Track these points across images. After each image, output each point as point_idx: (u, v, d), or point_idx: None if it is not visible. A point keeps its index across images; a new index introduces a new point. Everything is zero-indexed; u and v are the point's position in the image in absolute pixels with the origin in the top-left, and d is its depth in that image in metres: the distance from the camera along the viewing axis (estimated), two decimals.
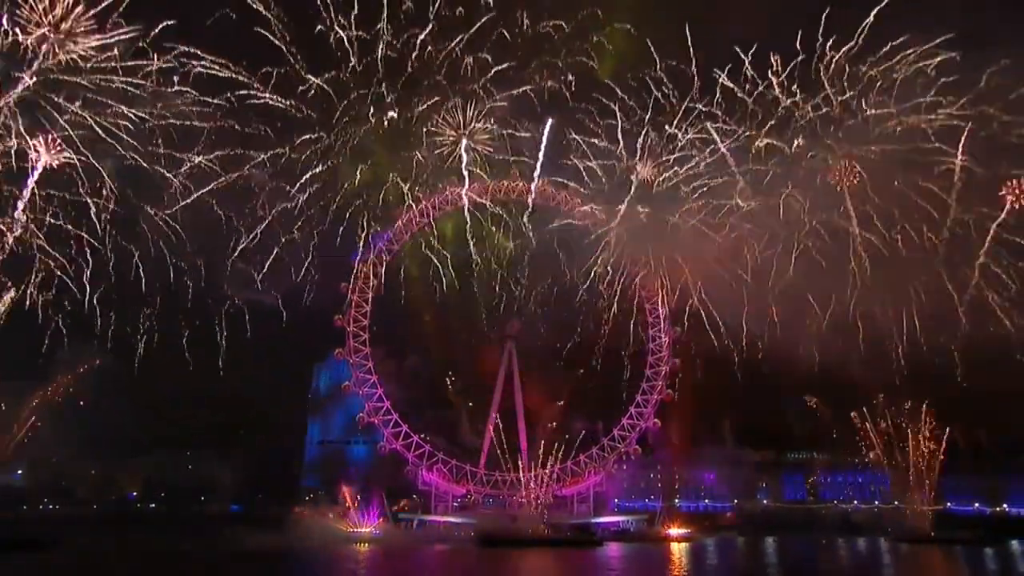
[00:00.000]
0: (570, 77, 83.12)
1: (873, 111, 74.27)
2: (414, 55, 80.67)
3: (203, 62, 74.76)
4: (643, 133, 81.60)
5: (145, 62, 72.73)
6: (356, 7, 78.26)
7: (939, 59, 70.77)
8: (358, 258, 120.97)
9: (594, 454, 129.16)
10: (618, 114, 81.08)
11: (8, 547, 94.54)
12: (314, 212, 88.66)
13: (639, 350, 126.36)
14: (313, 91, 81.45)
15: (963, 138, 71.21)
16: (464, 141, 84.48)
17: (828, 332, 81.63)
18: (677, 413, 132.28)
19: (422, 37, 79.67)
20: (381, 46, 80.00)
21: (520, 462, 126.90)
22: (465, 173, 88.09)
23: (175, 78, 74.48)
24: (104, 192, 75.88)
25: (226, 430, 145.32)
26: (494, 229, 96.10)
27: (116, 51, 70.93)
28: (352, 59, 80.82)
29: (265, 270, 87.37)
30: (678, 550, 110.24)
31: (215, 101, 77.00)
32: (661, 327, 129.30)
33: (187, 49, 73.98)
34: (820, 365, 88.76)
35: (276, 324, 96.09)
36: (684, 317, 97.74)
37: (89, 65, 70.32)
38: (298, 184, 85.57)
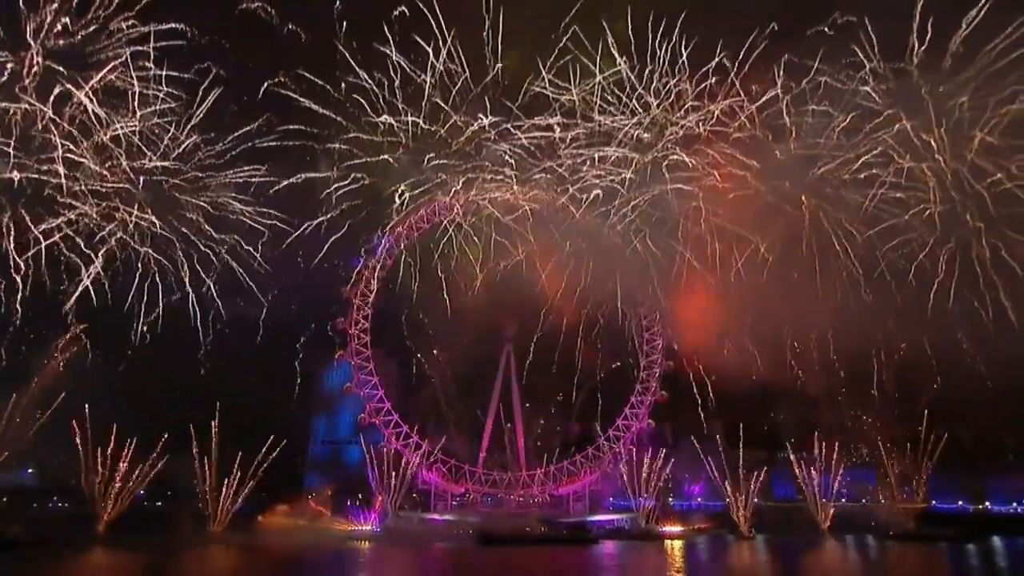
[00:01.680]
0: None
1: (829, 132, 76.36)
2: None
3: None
4: (589, 160, 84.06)
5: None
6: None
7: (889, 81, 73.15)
8: (360, 263, 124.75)
9: (589, 454, 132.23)
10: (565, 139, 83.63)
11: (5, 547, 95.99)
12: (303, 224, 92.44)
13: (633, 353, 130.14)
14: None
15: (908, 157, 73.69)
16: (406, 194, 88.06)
17: (804, 343, 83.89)
18: (669, 414, 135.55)
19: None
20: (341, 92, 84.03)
21: (518, 462, 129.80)
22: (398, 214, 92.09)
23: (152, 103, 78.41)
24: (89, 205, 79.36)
25: (226, 431, 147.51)
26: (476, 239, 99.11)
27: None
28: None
29: (250, 279, 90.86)
30: (671, 547, 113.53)
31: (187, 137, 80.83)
32: (655, 330, 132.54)
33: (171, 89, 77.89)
34: (802, 373, 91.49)
35: (276, 327, 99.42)
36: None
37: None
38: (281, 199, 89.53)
